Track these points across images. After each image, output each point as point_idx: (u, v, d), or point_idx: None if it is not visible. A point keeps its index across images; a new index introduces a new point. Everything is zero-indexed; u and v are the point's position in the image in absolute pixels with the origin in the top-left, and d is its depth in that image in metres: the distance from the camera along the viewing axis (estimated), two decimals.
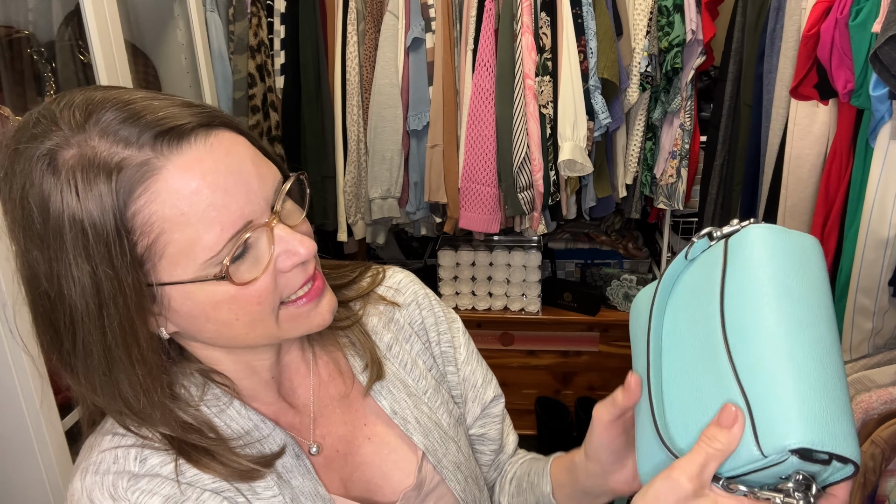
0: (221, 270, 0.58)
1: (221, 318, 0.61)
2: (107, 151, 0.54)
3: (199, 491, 0.64)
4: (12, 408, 1.06)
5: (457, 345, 0.86)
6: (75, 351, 0.60)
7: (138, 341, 0.59)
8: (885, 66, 1.28)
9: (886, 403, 1.28)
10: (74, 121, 0.55)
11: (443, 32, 2.05)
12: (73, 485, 0.64)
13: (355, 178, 2.21)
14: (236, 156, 0.59)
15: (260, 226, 0.59)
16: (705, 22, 2.09)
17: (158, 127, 0.55)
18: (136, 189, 0.54)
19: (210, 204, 0.56)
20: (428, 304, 0.85)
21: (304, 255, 0.61)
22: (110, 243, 0.55)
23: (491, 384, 0.88)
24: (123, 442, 0.64)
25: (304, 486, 0.69)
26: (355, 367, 0.78)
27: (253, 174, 0.59)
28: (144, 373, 0.61)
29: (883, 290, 1.49)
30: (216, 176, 0.56)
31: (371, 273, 0.84)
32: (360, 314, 0.80)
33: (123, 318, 0.58)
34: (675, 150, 2.21)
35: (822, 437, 0.49)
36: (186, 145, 0.56)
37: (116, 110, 0.56)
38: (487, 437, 0.88)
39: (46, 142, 0.55)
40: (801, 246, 0.57)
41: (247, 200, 0.58)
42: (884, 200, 1.44)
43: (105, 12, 1.34)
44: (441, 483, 0.78)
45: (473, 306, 2.50)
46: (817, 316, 0.54)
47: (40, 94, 1.39)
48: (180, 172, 0.55)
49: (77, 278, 0.56)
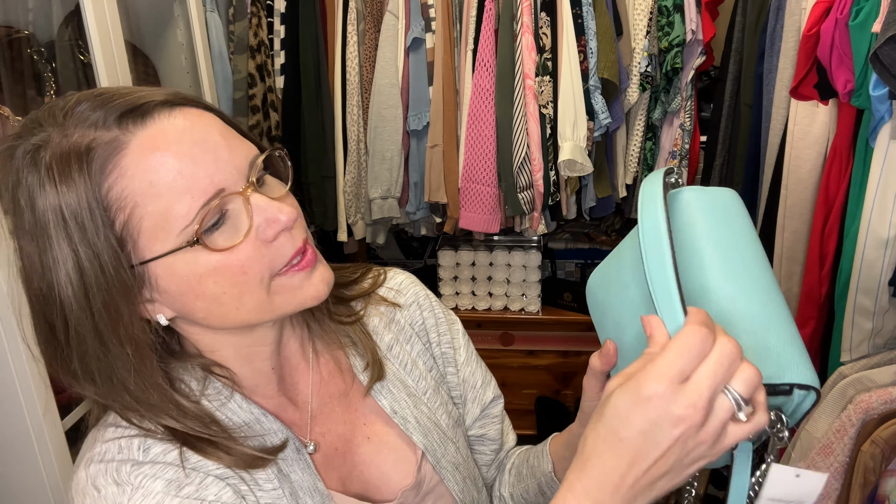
0: (194, 235, 0.58)
1: (208, 292, 0.61)
2: (78, 136, 0.57)
3: (202, 475, 0.64)
4: (12, 408, 1.06)
5: (456, 346, 0.86)
6: (69, 342, 0.61)
7: (123, 320, 0.60)
8: (885, 66, 1.28)
9: (886, 403, 1.28)
10: (54, 119, 0.59)
11: (443, 32, 2.05)
12: (77, 475, 0.64)
13: (355, 178, 2.21)
14: (202, 127, 0.60)
15: (234, 193, 0.60)
16: (705, 22, 2.09)
17: (124, 107, 0.58)
18: (107, 166, 0.57)
19: (178, 172, 0.57)
20: (429, 305, 0.85)
21: (285, 222, 0.61)
22: (86, 222, 0.57)
23: (490, 385, 0.89)
24: (127, 433, 0.65)
25: (303, 480, 0.70)
26: (356, 367, 0.78)
27: (221, 145, 0.60)
28: (134, 351, 0.61)
29: (883, 290, 1.48)
30: (180, 146, 0.58)
31: (372, 274, 0.84)
32: (361, 314, 0.81)
33: (107, 298, 0.59)
34: (675, 150, 2.22)
35: (775, 371, 0.51)
36: (150, 120, 0.58)
37: (89, 101, 0.59)
38: (487, 438, 0.88)
39: (30, 139, 0.58)
40: (722, 202, 0.62)
41: (216, 169, 0.59)
42: (884, 200, 1.43)
43: (105, 12, 1.34)
44: (440, 483, 0.78)
45: (473, 306, 2.50)
46: (748, 261, 0.58)
47: (40, 94, 1.39)
48: (146, 144, 0.57)
49: (62, 264, 0.58)
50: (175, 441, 0.64)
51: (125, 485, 0.62)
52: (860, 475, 1.25)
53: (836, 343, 1.60)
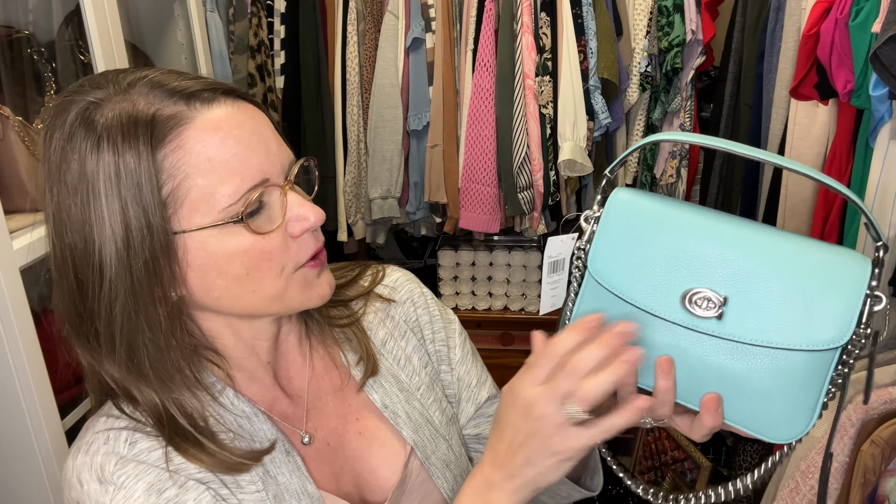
0: (239, 214, 0.62)
1: (233, 271, 0.63)
2: (145, 104, 0.60)
3: (183, 478, 0.65)
4: (12, 408, 1.06)
5: (451, 345, 0.87)
6: (99, 299, 0.62)
7: (162, 280, 0.62)
8: (885, 66, 1.28)
9: (886, 403, 1.28)
10: (118, 85, 0.62)
11: (443, 32, 2.05)
12: (67, 462, 0.66)
13: (355, 178, 2.21)
14: (259, 121, 0.65)
15: (275, 185, 0.64)
16: (705, 22, 2.09)
17: (194, 88, 0.62)
18: (169, 135, 0.60)
19: (234, 154, 0.61)
20: (423, 302, 0.86)
21: (314, 222, 0.66)
22: (142, 183, 0.59)
23: (486, 385, 0.89)
24: (116, 424, 0.66)
25: (290, 482, 0.70)
26: (350, 362, 0.79)
27: (273, 140, 0.65)
28: (167, 313, 0.63)
29: (883, 290, 1.48)
30: (241, 131, 0.62)
31: (371, 272, 0.86)
32: (359, 314, 0.81)
33: (149, 256, 0.61)
34: (675, 150, 2.22)
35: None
36: (216, 104, 0.62)
37: (155, 73, 0.63)
38: (483, 437, 0.88)
39: (88, 96, 0.61)
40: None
41: (266, 159, 0.63)
42: (884, 200, 1.43)
43: (105, 12, 1.34)
44: (427, 480, 0.78)
45: (473, 306, 2.50)
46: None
47: (40, 94, 1.39)
48: (210, 124, 0.61)
49: (107, 218, 0.60)
50: (161, 438, 0.66)
51: (108, 483, 0.63)
52: (860, 475, 1.25)
53: None
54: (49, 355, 1.09)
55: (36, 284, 1.08)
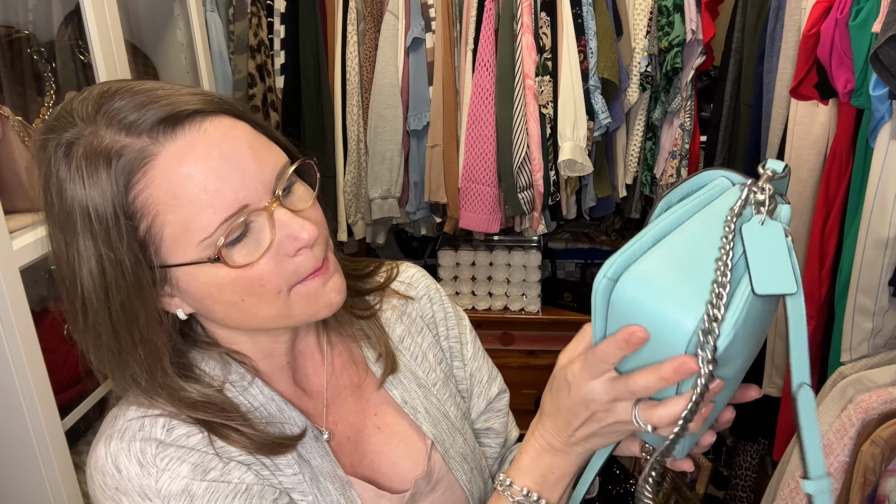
0: (215, 252, 0.60)
1: (227, 299, 0.63)
2: (110, 140, 0.58)
3: (225, 461, 0.65)
4: (12, 408, 1.06)
5: (464, 341, 0.88)
6: (87, 329, 0.63)
7: (138, 323, 0.62)
8: (885, 66, 1.28)
9: (886, 403, 1.28)
10: (86, 113, 0.59)
11: (443, 32, 2.05)
12: (96, 452, 0.65)
13: (355, 178, 2.21)
14: (231, 141, 0.61)
15: (258, 209, 0.61)
16: (705, 22, 2.09)
17: (158, 115, 0.59)
18: (136, 174, 0.58)
19: (202, 188, 0.58)
20: (439, 298, 0.88)
21: (306, 240, 0.62)
22: (110, 226, 0.58)
23: (496, 381, 0.91)
24: (150, 412, 0.66)
25: (322, 466, 0.71)
26: (369, 359, 0.80)
27: (249, 158, 0.61)
28: (146, 352, 0.63)
29: (883, 290, 1.48)
30: (208, 161, 0.59)
31: (385, 268, 0.86)
32: (376, 308, 0.82)
33: (125, 300, 0.60)
34: (675, 149, 2.21)
35: None
36: (181, 131, 0.59)
37: (122, 101, 0.60)
38: (493, 431, 0.89)
39: (64, 134, 0.60)
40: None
41: (241, 185, 0.60)
42: (884, 200, 1.43)
43: (105, 12, 1.34)
44: (448, 473, 0.80)
45: (473, 306, 2.50)
46: None
47: (40, 94, 1.39)
48: (174, 158, 0.58)
49: (86, 260, 0.59)
50: (199, 424, 0.66)
51: (150, 466, 0.62)
52: (860, 475, 1.25)
53: (835, 343, 1.60)
54: (49, 355, 1.09)
55: (36, 284, 1.08)
